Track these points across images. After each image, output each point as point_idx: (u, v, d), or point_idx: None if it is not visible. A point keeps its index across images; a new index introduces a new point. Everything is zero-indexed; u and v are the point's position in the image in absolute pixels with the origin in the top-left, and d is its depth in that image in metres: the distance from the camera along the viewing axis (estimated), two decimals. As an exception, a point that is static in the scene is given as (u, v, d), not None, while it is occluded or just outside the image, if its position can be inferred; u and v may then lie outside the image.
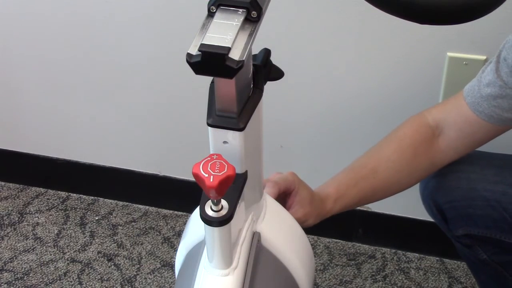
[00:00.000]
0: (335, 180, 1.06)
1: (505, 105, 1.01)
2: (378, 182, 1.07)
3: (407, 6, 0.58)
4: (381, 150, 1.09)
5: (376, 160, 1.07)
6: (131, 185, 1.87)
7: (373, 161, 1.07)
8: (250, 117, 0.68)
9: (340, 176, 1.07)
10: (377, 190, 1.08)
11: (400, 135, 1.09)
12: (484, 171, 1.17)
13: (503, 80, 0.99)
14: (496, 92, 1.00)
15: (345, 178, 1.06)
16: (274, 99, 1.51)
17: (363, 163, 1.08)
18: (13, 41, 1.69)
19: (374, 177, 1.06)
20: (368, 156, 1.09)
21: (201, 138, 1.02)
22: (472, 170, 1.17)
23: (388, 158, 1.07)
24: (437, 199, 1.19)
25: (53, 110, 1.78)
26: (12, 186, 1.97)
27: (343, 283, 1.64)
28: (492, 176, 1.16)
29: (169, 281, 1.67)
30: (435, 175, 1.18)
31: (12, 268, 1.71)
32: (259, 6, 0.61)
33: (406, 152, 1.07)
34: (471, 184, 1.16)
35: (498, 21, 1.30)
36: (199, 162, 0.65)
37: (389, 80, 1.47)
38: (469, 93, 1.04)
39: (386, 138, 1.10)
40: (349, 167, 1.09)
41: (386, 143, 1.09)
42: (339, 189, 1.04)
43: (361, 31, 1.42)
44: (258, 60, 0.73)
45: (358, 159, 1.10)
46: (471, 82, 1.07)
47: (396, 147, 1.08)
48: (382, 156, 1.07)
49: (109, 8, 1.54)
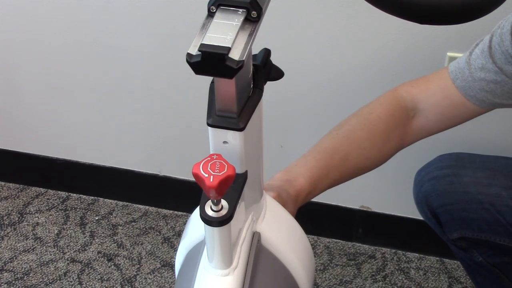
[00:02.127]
0: (307, 168, 0.98)
1: (498, 91, 0.99)
2: (347, 170, 1.02)
3: (407, 6, 0.58)
4: (352, 135, 1.03)
5: (347, 147, 1.02)
6: (131, 185, 1.87)
7: (344, 148, 1.02)
8: (250, 117, 0.68)
9: (311, 164, 0.99)
10: (346, 177, 1.03)
11: (374, 120, 1.03)
12: (477, 174, 1.17)
13: (498, 66, 0.98)
14: (491, 77, 0.99)
15: (317, 167, 0.99)
16: (274, 99, 1.51)
17: (334, 148, 1.02)
18: (13, 42, 1.69)
19: (344, 165, 1.01)
20: (339, 140, 1.03)
21: (201, 138, 1.02)
22: (465, 173, 1.17)
23: (360, 145, 1.02)
24: (431, 203, 1.19)
25: (53, 110, 1.78)
26: (12, 186, 1.97)
27: (343, 283, 1.64)
28: (485, 179, 1.16)
29: (169, 281, 1.67)
30: (428, 179, 1.18)
31: (12, 268, 1.71)
32: (259, 6, 0.61)
33: (378, 139, 1.03)
34: (464, 188, 1.16)
35: (498, 21, 1.30)
36: (199, 162, 0.65)
37: (389, 80, 1.46)
38: (458, 75, 1.02)
39: (358, 119, 1.04)
40: (320, 149, 1.02)
41: (359, 126, 1.04)
42: (311, 182, 0.97)
43: (361, 32, 1.42)
44: (258, 60, 0.73)
45: (328, 138, 1.04)
46: (456, 63, 1.03)
47: (368, 133, 1.03)
48: (354, 142, 1.02)
49: (110, 8, 1.54)
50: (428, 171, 1.21)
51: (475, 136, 1.49)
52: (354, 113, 1.06)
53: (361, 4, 0.65)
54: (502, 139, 1.49)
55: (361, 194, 1.69)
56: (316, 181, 0.97)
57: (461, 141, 1.49)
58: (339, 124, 1.05)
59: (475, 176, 1.16)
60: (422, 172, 1.23)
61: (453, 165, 1.15)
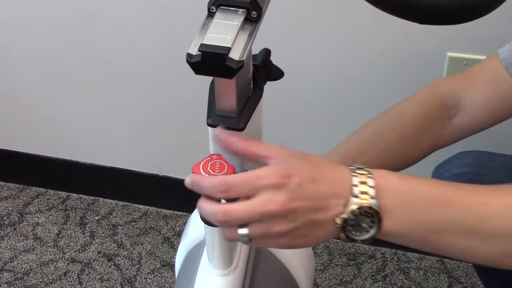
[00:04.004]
0: None
1: None
2: None
3: (407, 6, 0.58)
4: (380, 136, 0.95)
5: (372, 150, 0.94)
6: (131, 185, 1.87)
7: (368, 151, 0.94)
8: (250, 117, 0.68)
9: None
10: None
11: (406, 120, 0.95)
12: (497, 173, 1.13)
13: None
14: None
15: None
16: (274, 99, 1.51)
17: (357, 150, 0.94)
18: (13, 41, 1.69)
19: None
20: (363, 142, 0.95)
21: (201, 138, 1.02)
22: (485, 172, 1.13)
23: (386, 148, 0.94)
24: None
25: (53, 110, 1.78)
26: (12, 186, 1.97)
27: (343, 283, 1.64)
28: (505, 178, 1.11)
29: (169, 281, 1.67)
30: (447, 177, 1.13)
31: (12, 268, 1.71)
32: (259, 6, 0.61)
33: (408, 141, 0.95)
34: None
35: (498, 21, 1.30)
36: (199, 162, 0.65)
37: (389, 80, 1.46)
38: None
39: (389, 119, 0.96)
40: (342, 151, 0.94)
41: (388, 127, 0.95)
42: None
43: (361, 32, 1.42)
44: (258, 60, 0.73)
45: (353, 139, 0.96)
46: (507, 51, 0.93)
47: (397, 135, 0.94)
48: (379, 145, 0.94)
49: (110, 8, 1.54)
50: (447, 169, 1.16)
51: (492, 134, 1.48)
52: (386, 111, 0.98)
53: (361, 4, 0.64)
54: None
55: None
56: None
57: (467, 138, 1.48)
58: (368, 123, 0.98)
59: (494, 175, 1.12)
60: (440, 169, 1.19)
61: (473, 163, 1.10)
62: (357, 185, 0.63)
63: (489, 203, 0.65)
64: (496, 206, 0.65)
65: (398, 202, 0.64)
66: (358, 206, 0.63)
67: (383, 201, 0.63)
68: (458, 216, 0.64)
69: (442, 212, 0.64)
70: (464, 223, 0.64)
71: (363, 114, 1.56)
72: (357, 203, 0.63)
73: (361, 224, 0.64)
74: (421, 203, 0.64)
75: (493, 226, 0.65)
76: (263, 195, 0.61)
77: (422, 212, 0.64)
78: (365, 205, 0.63)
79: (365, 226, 0.64)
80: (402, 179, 0.65)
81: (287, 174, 0.62)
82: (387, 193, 0.64)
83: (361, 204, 0.63)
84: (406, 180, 0.65)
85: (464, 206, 0.65)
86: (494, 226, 0.64)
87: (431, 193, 0.65)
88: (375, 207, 0.63)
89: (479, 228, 0.65)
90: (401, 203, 0.64)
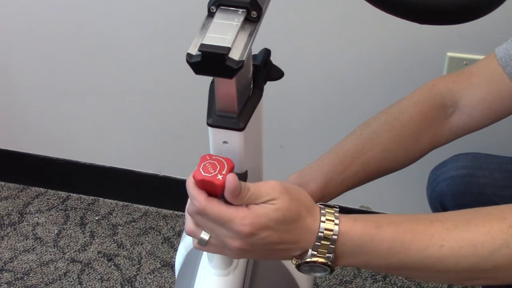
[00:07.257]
0: (322, 173, 0.91)
1: None
2: (366, 175, 0.94)
3: (407, 6, 0.58)
4: (378, 136, 0.94)
5: (370, 150, 0.93)
6: (131, 185, 1.87)
7: (366, 151, 0.93)
8: (250, 117, 0.68)
9: (327, 168, 0.91)
10: (364, 180, 0.95)
11: (404, 120, 0.94)
12: (494, 176, 1.13)
13: None
14: None
15: (333, 172, 0.91)
16: (274, 99, 1.51)
17: (355, 151, 0.93)
18: (13, 41, 1.69)
19: (364, 170, 0.93)
20: (361, 142, 0.94)
21: (201, 138, 1.02)
22: (482, 174, 1.13)
23: (384, 148, 0.93)
24: (446, 203, 1.16)
25: (53, 110, 1.78)
26: (12, 186, 1.97)
27: (343, 283, 1.64)
28: (501, 181, 1.12)
29: (169, 281, 1.67)
30: (443, 179, 1.15)
31: (12, 268, 1.71)
32: (259, 6, 0.61)
33: (406, 140, 0.94)
34: (480, 189, 1.12)
35: (498, 21, 1.30)
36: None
37: (389, 80, 1.47)
38: (509, 62, 0.92)
39: (387, 118, 0.95)
40: (340, 152, 0.93)
41: (386, 127, 0.95)
42: (323, 188, 0.90)
43: (361, 31, 1.42)
44: (258, 60, 0.73)
45: (351, 139, 0.95)
46: (504, 50, 0.93)
47: (395, 135, 0.94)
48: (378, 145, 0.93)
49: (110, 9, 1.54)
50: (444, 171, 1.17)
51: (489, 135, 1.48)
52: (384, 110, 0.98)
53: (361, 4, 0.64)
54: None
55: (361, 194, 1.69)
56: (328, 188, 0.91)
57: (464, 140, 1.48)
58: (366, 122, 0.98)
59: (491, 178, 1.12)
60: (437, 171, 1.19)
61: (469, 166, 1.11)
62: (323, 232, 0.68)
63: (445, 244, 0.68)
64: (451, 246, 0.68)
65: (355, 251, 0.69)
66: (313, 260, 0.69)
67: (341, 247, 0.68)
68: (415, 259, 0.69)
69: (398, 257, 0.69)
70: (421, 263, 0.69)
71: (363, 114, 1.56)
72: (314, 256, 0.68)
73: (315, 268, 0.70)
74: (378, 251, 0.69)
75: (449, 265, 0.69)
76: (228, 232, 0.66)
77: (377, 259, 0.69)
78: (320, 261, 0.68)
79: (318, 269, 0.70)
80: (364, 231, 0.69)
81: (257, 231, 0.66)
82: (346, 243, 0.69)
83: (316, 260, 0.68)
84: (368, 230, 0.69)
85: (421, 250, 0.68)
86: (450, 264, 0.69)
87: (389, 243, 0.68)
88: (330, 262, 0.69)
89: (436, 266, 0.69)
90: (359, 253, 0.69)
